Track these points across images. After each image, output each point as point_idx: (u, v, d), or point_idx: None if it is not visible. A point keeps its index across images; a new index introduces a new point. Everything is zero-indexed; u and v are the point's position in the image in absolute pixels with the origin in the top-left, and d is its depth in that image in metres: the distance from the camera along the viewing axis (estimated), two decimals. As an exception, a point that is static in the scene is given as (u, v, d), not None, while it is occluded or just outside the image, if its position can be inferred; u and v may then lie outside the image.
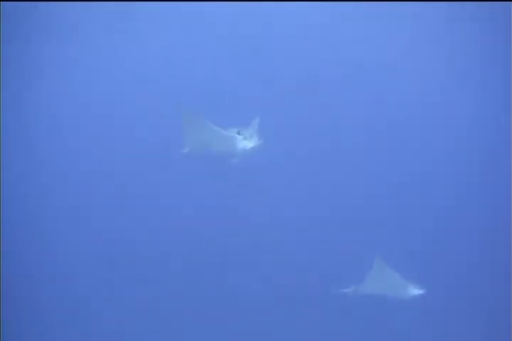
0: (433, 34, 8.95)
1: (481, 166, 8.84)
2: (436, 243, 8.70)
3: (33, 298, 8.66)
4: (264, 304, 8.59)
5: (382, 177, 8.91)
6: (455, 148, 8.97)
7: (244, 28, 9.04)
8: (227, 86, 8.93)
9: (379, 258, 7.33)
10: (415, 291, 7.54)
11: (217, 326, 8.49)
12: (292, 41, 9.08)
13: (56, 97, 9.07)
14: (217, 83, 8.99)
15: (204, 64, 9.11)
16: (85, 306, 8.62)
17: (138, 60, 9.14)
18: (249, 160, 6.97)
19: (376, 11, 8.92)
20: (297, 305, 8.52)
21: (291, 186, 8.93)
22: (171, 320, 8.63)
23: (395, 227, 8.70)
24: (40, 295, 8.66)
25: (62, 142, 9.02)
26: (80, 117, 9.05)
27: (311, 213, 8.78)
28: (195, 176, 8.50)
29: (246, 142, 6.80)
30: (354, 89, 9.11)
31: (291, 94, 8.98)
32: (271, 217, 8.78)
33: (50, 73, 9.12)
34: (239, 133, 6.82)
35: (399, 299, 7.59)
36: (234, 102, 8.61)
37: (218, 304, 8.60)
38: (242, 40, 9.05)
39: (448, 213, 8.79)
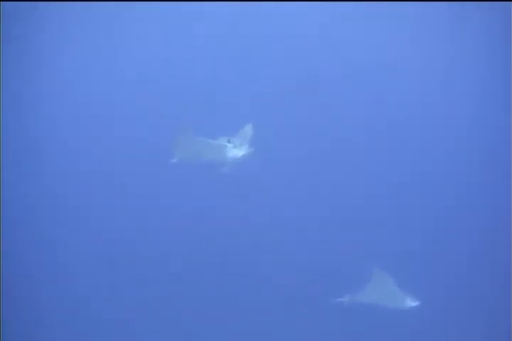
0: (433, 34, 8.95)
1: (481, 166, 8.82)
2: (436, 244, 8.68)
3: (33, 298, 8.65)
4: (262, 308, 8.55)
5: (381, 180, 8.89)
6: (455, 148, 8.96)
7: (244, 28, 9.04)
8: (226, 86, 8.93)
9: (378, 268, 7.33)
10: (412, 303, 7.53)
11: (216, 328, 8.46)
12: (292, 41, 9.09)
13: (56, 97, 9.08)
14: (216, 83, 8.99)
15: (203, 64, 9.11)
16: (85, 306, 8.61)
17: (138, 60, 9.14)
18: (247, 164, 6.92)
19: (376, 10, 8.92)
20: (295, 311, 8.47)
21: (289, 188, 8.90)
22: (171, 320, 8.61)
23: (394, 228, 8.68)
24: (40, 295, 8.65)
25: (61, 142, 9.02)
26: (80, 117, 9.05)
27: (309, 218, 8.74)
28: (194, 179, 8.45)
29: (236, 150, 6.75)
30: (354, 89, 9.11)
31: (290, 93, 8.98)
32: (270, 221, 8.75)
33: (50, 73, 9.12)
34: (229, 141, 6.78)
35: (398, 309, 7.57)
36: (233, 102, 8.63)
37: (216, 308, 8.57)
38: (242, 40, 9.06)
39: (448, 213, 8.76)
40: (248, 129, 6.95)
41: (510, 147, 8.47)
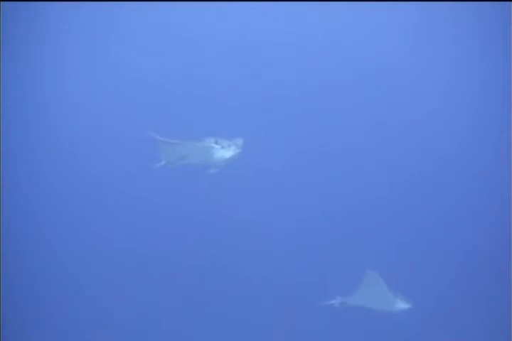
0: (432, 34, 8.92)
1: (481, 168, 8.78)
2: (429, 245, 8.65)
3: (32, 298, 8.68)
4: (252, 309, 8.55)
5: (375, 180, 8.86)
6: (455, 151, 8.93)
7: (243, 28, 8.99)
8: (223, 87, 8.91)
9: (369, 270, 7.31)
10: (404, 306, 7.50)
11: (207, 329, 8.47)
12: (291, 41, 9.04)
13: (55, 97, 9.07)
14: (212, 84, 8.96)
15: (201, 65, 9.07)
16: (85, 306, 8.65)
17: (135, 61, 9.11)
18: (236, 165, 6.85)
19: (376, 11, 8.88)
20: (285, 312, 8.48)
21: (279, 188, 8.88)
22: (172, 323, 8.65)
23: (387, 230, 8.67)
24: (39, 295, 8.69)
25: (62, 143, 9.01)
26: (79, 118, 9.03)
27: (300, 218, 8.72)
28: (181, 181, 8.37)
29: (224, 151, 6.69)
30: (355, 92, 9.04)
31: (285, 93, 8.95)
32: (260, 222, 8.72)
33: (50, 73, 9.11)
34: (216, 142, 6.73)
35: (389, 312, 7.53)
36: (231, 103, 8.64)
37: (206, 308, 8.58)
38: (240, 41, 9.01)
39: (443, 215, 8.74)
40: (239, 142, 6.89)
41: (511, 148, 8.46)
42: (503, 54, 8.40)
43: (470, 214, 8.69)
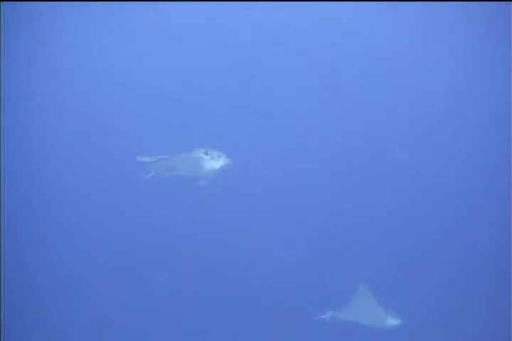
0: (436, 35, 8.87)
1: (484, 169, 8.74)
2: (421, 261, 8.62)
3: (33, 299, 8.72)
4: (244, 324, 8.56)
5: (368, 193, 8.82)
6: (458, 151, 8.88)
7: (242, 32, 8.94)
8: (218, 91, 8.89)
9: (362, 285, 7.28)
10: (394, 321, 7.45)
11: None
12: (290, 43, 9.02)
13: (54, 98, 9.08)
14: (206, 89, 8.95)
15: (195, 72, 9.04)
16: (83, 307, 8.68)
17: (132, 64, 9.09)
18: (226, 176, 6.83)
19: (381, 11, 8.83)
20: (276, 326, 8.47)
21: (270, 200, 8.86)
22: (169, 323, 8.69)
23: (379, 245, 8.65)
24: (39, 296, 8.73)
25: (55, 145, 9.02)
26: (72, 120, 9.03)
27: (291, 230, 8.67)
28: (171, 193, 8.36)
29: (213, 162, 6.66)
30: (358, 94, 8.97)
31: (288, 100, 8.91)
32: (251, 234, 8.68)
33: (49, 73, 9.12)
34: (206, 153, 6.70)
35: (379, 327, 7.48)
36: (225, 107, 8.63)
37: (198, 322, 8.61)
38: (238, 44, 8.98)
39: (448, 216, 8.72)
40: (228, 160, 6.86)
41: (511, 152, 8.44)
42: (508, 54, 8.35)
43: (472, 216, 8.65)
